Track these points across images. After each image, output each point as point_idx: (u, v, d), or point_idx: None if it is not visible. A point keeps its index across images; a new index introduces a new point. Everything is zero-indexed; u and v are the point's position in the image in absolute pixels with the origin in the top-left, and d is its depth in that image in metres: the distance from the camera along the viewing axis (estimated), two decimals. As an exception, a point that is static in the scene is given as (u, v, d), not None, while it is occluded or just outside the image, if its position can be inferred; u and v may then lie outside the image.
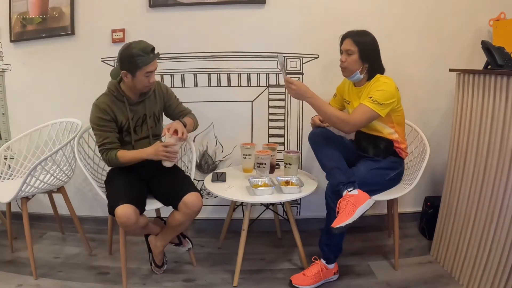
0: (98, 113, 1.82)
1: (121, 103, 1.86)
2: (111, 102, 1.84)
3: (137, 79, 1.78)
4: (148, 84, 1.81)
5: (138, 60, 1.72)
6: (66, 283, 1.96)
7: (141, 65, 1.73)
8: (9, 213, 2.23)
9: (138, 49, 1.72)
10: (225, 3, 2.29)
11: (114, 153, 1.82)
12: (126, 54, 1.74)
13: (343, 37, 1.93)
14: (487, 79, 1.73)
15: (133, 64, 1.73)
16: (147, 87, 1.85)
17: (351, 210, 1.69)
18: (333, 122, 1.81)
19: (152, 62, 1.77)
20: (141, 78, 1.77)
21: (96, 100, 1.86)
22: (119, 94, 1.85)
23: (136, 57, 1.71)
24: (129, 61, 1.73)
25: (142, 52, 1.72)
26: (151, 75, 1.79)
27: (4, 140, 2.52)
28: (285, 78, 1.78)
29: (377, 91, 1.80)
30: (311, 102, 1.80)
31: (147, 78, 1.79)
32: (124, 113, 1.87)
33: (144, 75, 1.77)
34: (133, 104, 1.89)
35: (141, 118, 1.92)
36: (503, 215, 1.62)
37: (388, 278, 1.98)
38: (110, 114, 1.83)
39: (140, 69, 1.74)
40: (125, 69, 1.76)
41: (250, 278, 2.01)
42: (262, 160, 2.02)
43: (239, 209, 2.28)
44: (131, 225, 1.69)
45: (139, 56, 1.72)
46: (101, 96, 1.87)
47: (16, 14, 2.39)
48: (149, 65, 1.75)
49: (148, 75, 1.78)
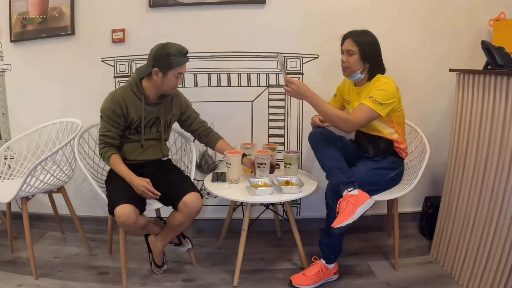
0: (111, 105, 1.83)
1: (138, 100, 1.87)
2: (128, 96, 1.85)
3: (167, 79, 1.81)
4: (175, 86, 1.86)
5: (173, 60, 1.76)
6: (66, 283, 1.96)
7: (175, 65, 1.77)
8: (9, 213, 2.23)
9: (175, 50, 1.77)
10: (225, 3, 2.29)
11: (109, 154, 1.84)
12: (162, 52, 1.77)
13: (344, 37, 1.93)
14: (487, 79, 1.73)
15: (167, 63, 1.77)
16: (173, 89, 1.88)
17: (351, 210, 1.69)
18: (333, 121, 1.81)
19: (184, 64, 1.82)
20: (171, 78, 1.81)
21: (113, 91, 1.88)
22: (138, 91, 1.86)
23: (172, 57, 1.76)
24: (165, 59, 1.77)
25: (178, 53, 1.77)
26: (180, 77, 1.84)
27: (4, 140, 2.53)
28: (285, 77, 1.79)
29: (378, 91, 1.80)
30: (311, 101, 1.80)
31: (176, 79, 1.83)
32: (137, 110, 1.88)
33: (175, 76, 1.81)
34: (149, 105, 1.89)
35: (153, 120, 1.93)
36: (503, 215, 1.62)
37: (388, 278, 1.98)
38: (122, 109, 1.84)
39: (173, 69, 1.78)
40: (158, 67, 1.78)
41: (250, 278, 2.01)
42: (262, 160, 2.02)
43: (239, 209, 2.28)
44: (131, 225, 1.69)
45: (175, 56, 1.76)
46: (119, 89, 1.89)
47: (16, 14, 2.39)
48: (182, 66, 1.80)
49: (178, 76, 1.82)
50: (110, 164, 1.86)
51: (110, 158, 1.84)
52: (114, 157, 1.85)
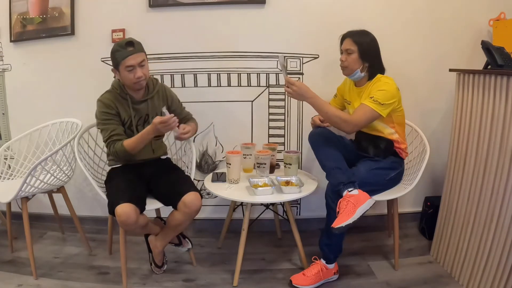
0: (103, 108, 1.83)
1: (124, 100, 1.87)
2: (114, 98, 1.86)
3: (122, 75, 1.80)
4: (135, 80, 1.78)
5: (117, 55, 1.75)
6: (66, 283, 1.96)
7: (120, 59, 1.75)
8: (9, 213, 2.23)
9: (116, 44, 1.76)
10: (225, 3, 2.29)
11: (120, 143, 1.80)
12: (111, 52, 1.79)
13: (343, 37, 1.94)
14: (487, 79, 1.73)
15: (114, 60, 1.78)
16: (136, 84, 1.80)
17: (351, 210, 1.69)
18: (334, 122, 1.81)
19: (131, 55, 1.74)
20: (125, 73, 1.78)
21: (100, 97, 1.87)
22: (122, 92, 1.87)
23: (115, 53, 1.76)
24: (112, 57, 1.78)
25: (118, 46, 1.75)
26: (134, 70, 1.76)
27: (4, 140, 2.52)
28: (286, 78, 1.78)
29: (378, 91, 1.81)
30: (312, 103, 1.80)
31: (131, 73, 1.76)
32: (126, 110, 1.88)
33: (126, 70, 1.76)
34: (136, 103, 1.89)
35: (143, 117, 1.93)
36: (503, 215, 1.62)
37: (388, 278, 1.98)
38: (114, 109, 1.84)
39: (120, 64, 1.76)
40: (113, 66, 1.81)
41: (250, 278, 2.01)
42: (262, 160, 2.02)
43: (239, 209, 2.28)
44: (131, 224, 1.69)
45: (117, 51, 1.75)
46: (105, 93, 1.89)
47: (16, 14, 2.39)
48: (126, 58, 1.74)
49: (130, 69, 1.76)
50: (127, 148, 1.77)
51: (123, 145, 1.78)
52: (125, 142, 1.79)
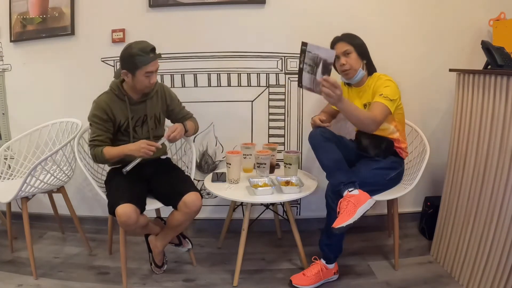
0: (96, 111, 1.83)
1: (122, 102, 1.87)
2: (111, 100, 1.85)
3: (137, 79, 1.78)
4: (149, 85, 1.82)
5: (137, 60, 1.73)
6: (66, 283, 1.96)
7: (140, 64, 1.73)
8: (9, 213, 2.23)
9: (138, 49, 1.73)
10: (225, 3, 2.29)
11: (100, 149, 1.82)
12: (126, 53, 1.75)
13: (333, 42, 1.94)
14: (487, 79, 1.73)
15: (132, 64, 1.74)
16: (148, 88, 1.85)
17: (352, 210, 1.69)
18: (366, 124, 1.75)
19: (152, 62, 1.76)
20: (141, 78, 1.78)
21: (97, 98, 1.87)
22: (120, 93, 1.86)
23: (136, 57, 1.72)
24: (129, 60, 1.74)
25: (141, 51, 1.72)
26: (151, 76, 1.79)
27: (4, 140, 2.52)
28: (326, 79, 1.53)
29: (385, 88, 1.81)
30: (342, 107, 1.66)
31: (148, 79, 1.79)
32: (124, 112, 1.87)
33: (144, 75, 1.77)
34: (133, 104, 1.89)
35: (141, 118, 1.92)
36: (503, 215, 1.62)
37: (388, 278, 1.98)
38: (108, 114, 1.84)
39: (140, 69, 1.75)
40: (125, 69, 1.77)
41: (250, 278, 2.01)
42: (262, 160, 2.02)
43: (239, 209, 2.28)
44: (132, 224, 1.69)
45: (138, 56, 1.72)
46: (102, 95, 1.88)
47: (16, 14, 2.39)
48: (148, 65, 1.75)
49: (148, 75, 1.78)
50: (106, 156, 1.81)
51: (103, 152, 1.80)
52: (105, 149, 1.82)
